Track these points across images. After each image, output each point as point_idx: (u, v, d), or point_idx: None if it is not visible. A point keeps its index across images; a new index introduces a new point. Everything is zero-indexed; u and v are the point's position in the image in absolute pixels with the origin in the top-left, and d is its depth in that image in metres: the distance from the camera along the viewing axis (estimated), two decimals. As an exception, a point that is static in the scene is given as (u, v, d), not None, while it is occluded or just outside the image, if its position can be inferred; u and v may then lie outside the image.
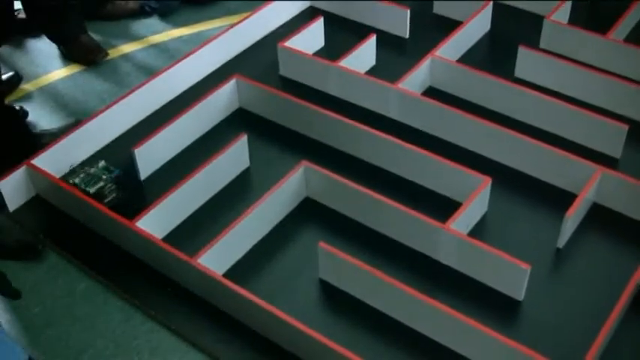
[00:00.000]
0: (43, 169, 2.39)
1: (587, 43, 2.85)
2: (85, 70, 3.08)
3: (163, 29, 3.32)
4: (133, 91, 2.66)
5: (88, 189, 2.33)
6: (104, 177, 2.37)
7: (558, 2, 3.00)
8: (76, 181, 2.36)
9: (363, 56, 2.86)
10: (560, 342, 1.98)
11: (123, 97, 2.64)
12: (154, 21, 3.37)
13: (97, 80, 3.02)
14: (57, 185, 2.35)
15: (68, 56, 3.14)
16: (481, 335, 1.87)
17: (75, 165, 2.48)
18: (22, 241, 2.28)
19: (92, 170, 2.40)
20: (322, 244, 2.08)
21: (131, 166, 2.45)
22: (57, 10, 3.01)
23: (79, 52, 3.11)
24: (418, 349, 1.98)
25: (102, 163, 2.44)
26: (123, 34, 3.29)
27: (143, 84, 2.69)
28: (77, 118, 2.73)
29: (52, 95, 2.95)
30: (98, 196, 2.32)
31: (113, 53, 3.17)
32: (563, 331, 2.00)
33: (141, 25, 3.35)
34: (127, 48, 3.20)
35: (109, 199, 2.35)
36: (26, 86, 3.00)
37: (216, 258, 2.11)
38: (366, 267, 2.02)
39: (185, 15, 3.40)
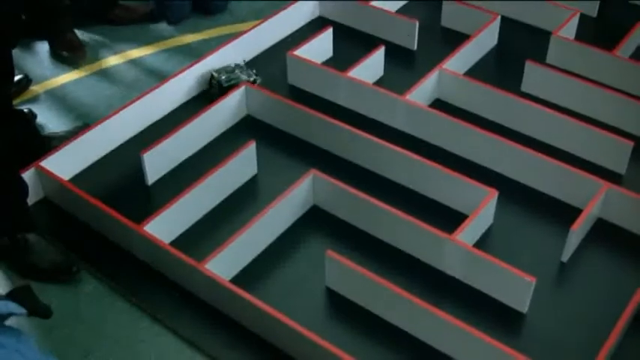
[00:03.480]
0: (52, 171, 2.40)
1: (593, 60, 2.87)
2: (94, 73, 3.09)
3: (172, 35, 3.33)
4: (141, 96, 2.68)
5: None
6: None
7: (565, 18, 3.03)
8: (222, 77, 2.70)
9: (372, 67, 2.88)
10: (562, 355, 1.99)
11: (131, 102, 2.65)
12: (163, 27, 3.39)
13: (105, 84, 3.03)
14: (65, 187, 2.36)
15: (52, 53, 3.21)
16: (485, 346, 1.89)
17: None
18: (56, 263, 2.23)
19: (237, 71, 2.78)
20: (329, 252, 2.09)
21: (139, 171, 2.46)
22: (56, 10, 3.09)
23: (62, 48, 3.18)
24: (422, 359, 1.99)
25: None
26: (132, 39, 3.30)
27: (152, 89, 2.71)
28: (86, 122, 2.75)
29: (61, 98, 2.97)
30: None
31: (122, 58, 3.19)
32: (566, 344, 2.02)
33: (150, 30, 3.37)
34: (136, 53, 3.22)
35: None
36: (35, 88, 3.01)
37: (224, 264, 2.12)
38: (372, 276, 2.04)
39: (194, 22, 3.42)
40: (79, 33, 3.28)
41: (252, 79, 2.74)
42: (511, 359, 1.85)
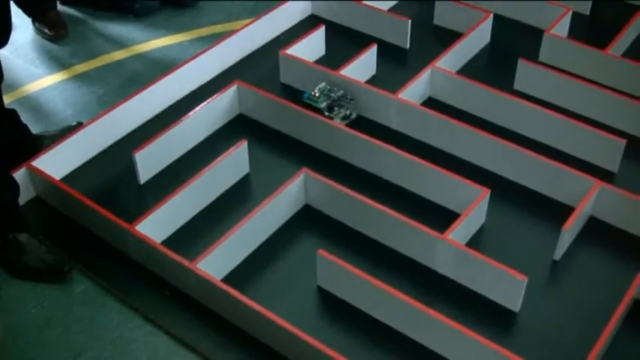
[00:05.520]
0: (44, 170, 2.40)
1: (585, 58, 2.87)
2: (87, 72, 3.08)
3: (165, 34, 3.33)
4: (134, 95, 2.68)
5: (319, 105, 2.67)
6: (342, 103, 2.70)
7: (558, 16, 3.03)
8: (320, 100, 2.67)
9: (364, 66, 2.88)
10: (555, 354, 1.99)
11: (124, 101, 2.65)
12: (155, 25, 3.38)
13: (98, 83, 3.02)
14: (57, 187, 2.35)
15: (36, 30, 3.32)
16: (477, 345, 1.89)
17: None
18: (48, 263, 2.22)
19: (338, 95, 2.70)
20: (321, 252, 2.09)
21: (132, 170, 2.46)
22: None
23: (44, 25, 3.26)
24: (414, 358, 1.99)
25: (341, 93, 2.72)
26: (125, 39, 3.30)
27: (144, 88, 2.70)
28: (78, 121, 2.74)
29: (53, 97, 2.96)
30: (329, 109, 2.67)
31: (114, 57, 3.18)
32: (558, 342, 2.02)
33: (142, 29, 3.36)
34: (128, 52, 3.21)
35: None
36: (28, 87, 3.00)
37: (215, 263, 2.12)
38: (364, 275, 2.04)
39: (186, 20, 3.41)
40: (78, 28, 3.33)
41: (346, 117, 2.68)
42: (503, 358, 1.86)
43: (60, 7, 3.46)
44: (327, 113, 2.65)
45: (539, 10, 3.15)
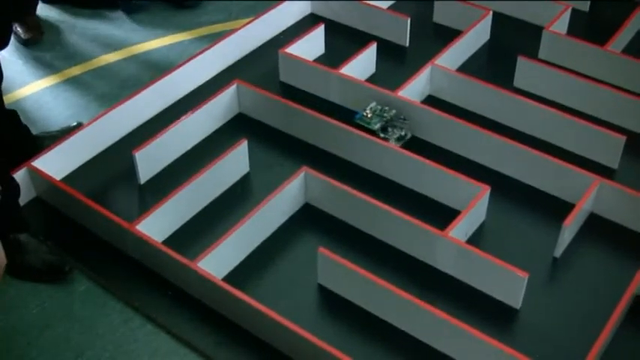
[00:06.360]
0: (44, 170, 2.40)
1: (585, 54, 2.87)
2: (86, 73, 3.08)
3: (164, 34, 3.33)
4: (133, 94, 2.68)
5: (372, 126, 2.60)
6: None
7: (557, 13, 3.03)
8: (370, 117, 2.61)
9: (363, 64, 2.88)
10: (556, 350, 1.99)
11: (124, 101, 2.65)
12: (154, 25, 3.38)
13: (98, 83, 3.02)
14: (57, 187, 2.35)
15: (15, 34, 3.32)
16: (478, 342, 1.89)
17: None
18: (48, 263, 2.22)
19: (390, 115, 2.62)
20: (322, 250, 2.09)
21: (132, 170, 2.46)
22: None
23: (21, 28, 3.24)
24: (416, 356, 1.99)
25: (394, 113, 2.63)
26: (124, 39, 3.30)
27: (144, 88, 2.70)
28: (78, 121, 2.74)
29: (53, 98, 2.96)
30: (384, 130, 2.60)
31: (114, 57, 3.18)
32: (559, 339, 2.02)
33: (141, 29, 3.36)
34: (128, 53, 3.21)
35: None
36: (27, 89, 3.00)
37: (216, 262, 2.12)
38: (365, 273, 2.04)
39: (186, 20, 3.41)
40: (78, 29, 3.34)
41: (401, 138, 2.59)
42: (504, 355, 1.85)
43: (43, 5, 3.48)
44: (381, 134, 2.59)
45: (538, 7, 3.15)
